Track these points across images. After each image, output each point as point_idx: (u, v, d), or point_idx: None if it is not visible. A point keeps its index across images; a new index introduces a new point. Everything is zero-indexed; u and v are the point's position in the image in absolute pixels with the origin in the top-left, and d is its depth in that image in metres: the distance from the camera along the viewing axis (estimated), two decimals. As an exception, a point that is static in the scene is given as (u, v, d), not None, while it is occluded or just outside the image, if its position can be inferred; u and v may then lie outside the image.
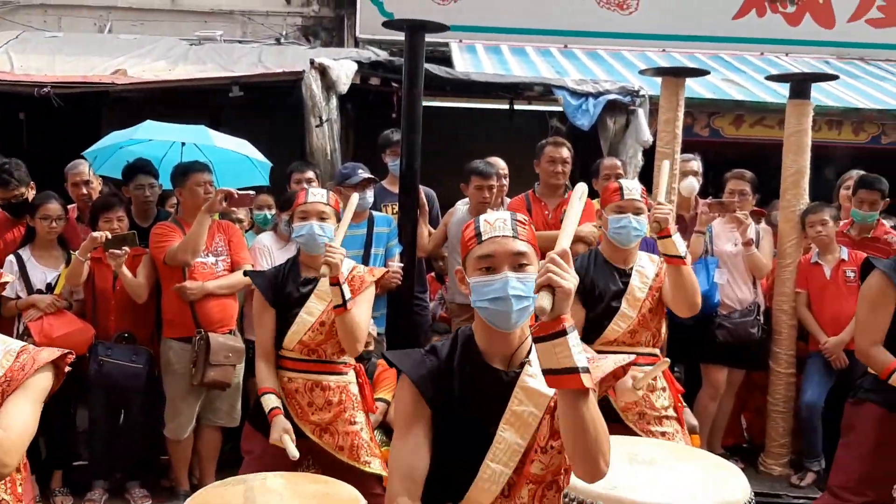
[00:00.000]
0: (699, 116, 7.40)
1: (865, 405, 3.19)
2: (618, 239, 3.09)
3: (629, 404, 2.95)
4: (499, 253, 1.75)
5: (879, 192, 4.71)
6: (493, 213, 1.84)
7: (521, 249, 1.75)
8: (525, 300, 1.73)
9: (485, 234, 1.77)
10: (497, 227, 1.77)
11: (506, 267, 1.74)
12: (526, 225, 1.81)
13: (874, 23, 8.96)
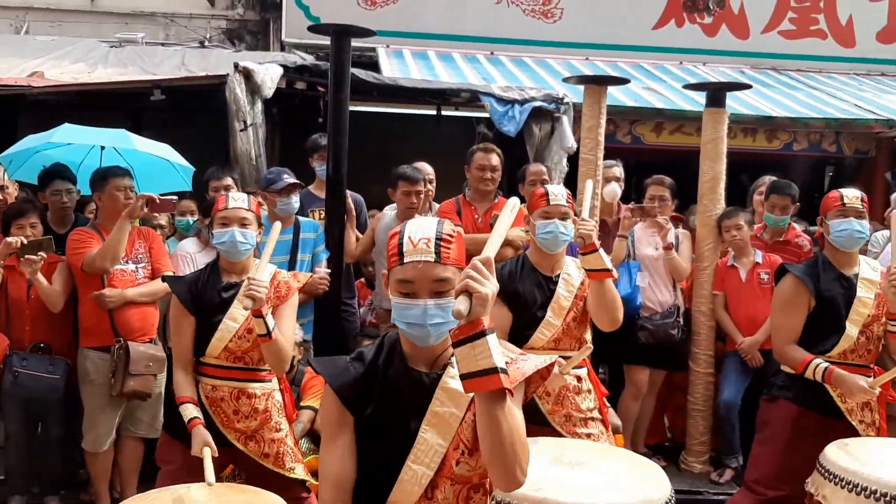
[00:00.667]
0: (621, 124, 7.59)
1: (779, 402, 3.32)
2: (545, 244, 3.14)
3: (556, 407, 2.99)
4: (419, 280, 1.72)
5: (790, 198, 4.91)
6: (419, 227, 1.77)
7: (443, 276, 1.72)
8: (445, 325, 1.73)
9: (406, 256, 1.73)
10: (420, 248, 1.72)
11: (426, 294, 1.72)
12: (452, 241, 1.75)
13: (786, 34, 9.34)
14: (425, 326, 1.72)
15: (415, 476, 1.76)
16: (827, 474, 2.80)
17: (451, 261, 1.73)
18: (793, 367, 3.28)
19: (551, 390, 2.99)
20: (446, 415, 1.77)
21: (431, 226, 1.77)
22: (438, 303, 1.72)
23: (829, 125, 7.50)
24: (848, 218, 3.30)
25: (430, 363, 1.81)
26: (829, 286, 3.25)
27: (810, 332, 3.28)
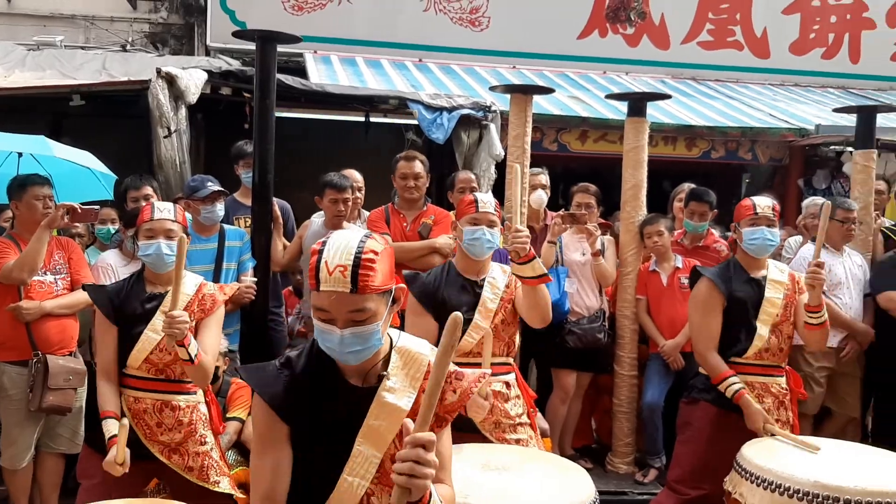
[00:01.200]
0: (548, 131, 7.71)
1: (699, 404, 3.44)
2: (472, 251, 3.17)
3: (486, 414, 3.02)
4: (334, 310, 1.69)
5: (708, 204, 5.08)
6: (337, 251, 1.70)
7: (361, 307, 1.69)
8: (364, 351, 1.73)
9: (322, 283, 1.69)
10: (335, 277, 1.67)
11: (342, 324, 1.69)
12: (374, 264, 1.69)
13: (704, 45, 9.64)
14: (344, 353, 1.72)
15: (350, 487, 1.75)
16: (743, 472, 2.90)
17: (372, 288, 1.69)
18: (711, 376, 3.40)
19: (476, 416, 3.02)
20: (381, 428, 1.77)
21: (351, 249, 1.70)
22: (356, 331, 1.70)
23: (745, 134, 7.76)
24: (760, 227, 3.45)
25: (361, 376, 1.81)
26: (740, 288, 3.39)
27: (726, 335, 3.41)
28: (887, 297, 4.83)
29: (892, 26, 9.93)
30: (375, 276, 1.69)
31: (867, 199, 5.16)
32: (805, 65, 9.84)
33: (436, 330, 3.08)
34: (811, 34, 9.79)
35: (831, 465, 2.82)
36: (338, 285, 1.67)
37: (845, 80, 9.90)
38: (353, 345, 1.71)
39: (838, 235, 4.91)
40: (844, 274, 4.94)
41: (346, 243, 1.72)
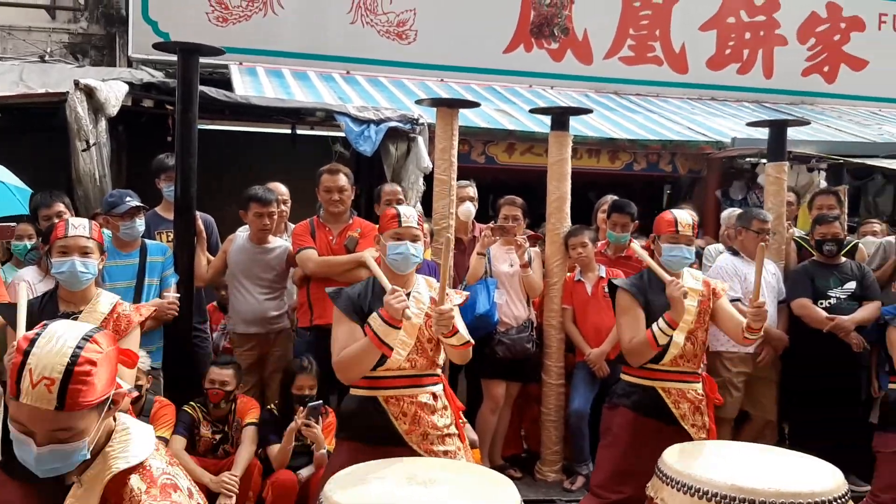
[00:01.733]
0: (475, 144, 7.79)
1: (619, 409, 3.53)
2: (395, 266, 3.17)
3: (412, 427, 3.02)
4: (34, 425, 1.53)
5: (630, 216, 5.21)
6: (43, 360, 1.51)
7: (65, 426, 1.53)
8: (64, 468, 1.58)
9: (23, 395, 1.51)
10: (39, 391, 1.50)
11: (39, 439, 1.52)
12: (89, 379, 1.53)
13: (626, 60, 9.89)
14: (39, 469, 1.55)
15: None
16: (664, 478, 2.97)
17: (84, 404, 1.51)
18: (644, 353, 3.43)
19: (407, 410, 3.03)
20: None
21: (64, 357, 1.50)
22: (56, 449, 1.52)
23: (665, 146, 7.98)
24: (679, 245, 3.55)
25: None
26: (655, 297, 3.49)
27: None
28: (800, 305, 5.03)
29: (803, 43, 10.37)
30: (89, 391, 1.51)
31: (780, 210, 5.37)
32: (721, 79, 10.17)
33: (361, 335, 3.07)
34: (727, 50, 10.14)
35: (748, 469, 2.91)
36: (41, 401, 1.48)
37: (759, 94, 10.28)
38: (50, 462, 1.54)
39: (753, 245, 5.09)
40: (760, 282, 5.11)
41: (58, 349, 1.51)
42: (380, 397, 3.03)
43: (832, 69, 10.52)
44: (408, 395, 3.03)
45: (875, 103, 10.59)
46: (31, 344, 1.51)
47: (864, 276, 5.06)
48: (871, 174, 8.80)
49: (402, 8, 9.27)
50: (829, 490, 2.75)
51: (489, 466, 4.98)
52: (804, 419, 5.22)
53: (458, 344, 3.02)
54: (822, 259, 5.10)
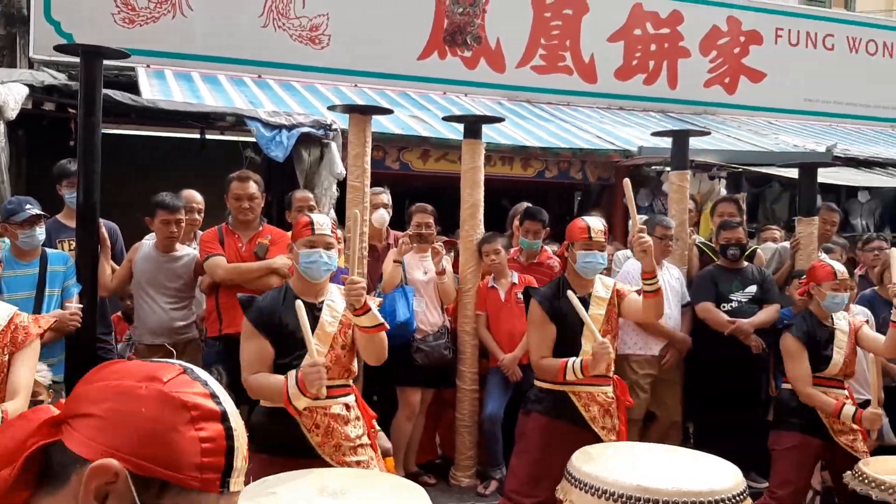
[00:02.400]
0: (390, 150, 7.79)
1: (532, 415, 3.59)
2: (309, 273, 3.15)
3: (324, 439, 3.00)
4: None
5: (541, 223, 5.31)
6: None
7: None
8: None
9: None
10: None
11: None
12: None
13: (538, 69, 10.05)
14: None
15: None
16: (573, 480, 3.03)
17: None
18: (553, 377, 3.54)
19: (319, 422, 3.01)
20: None
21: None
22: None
23: (575, 154, 8.16)
24: (593, 251, 3.63)
25: None
26: (567, 306, 3.56)
27: (556, 350, 3.58)
28: (703, 308, 5.22)
29: (705, 55, 10.77)
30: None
31: (683, 217, 5.56)
32: (629, 90, 10.46)
33: (270, 353, 3.04)
34: (634, 61, 10.44)
35: (652, 469, 3.00)
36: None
37: (665, 104, 10.62)
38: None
39: (657, 251, 5.24)
40: (664, 286, 5.26)
41: None
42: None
43: (732, 81, 10.96)
44: (321, 406, 3.00)
45: (772, 114, 11.10)
46: None
47: (764, 279, 5.29)
48: (769, 182, 9.22)
49: (316, 12, 9.19)
50: (728, 488, 2.86)
51: (403, 474, 5.01)
52: (707, 419, 5.42)
53: (370, 325, 3.01)
54: (726, 263, 5.31)
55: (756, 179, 9.15)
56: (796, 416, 4.04)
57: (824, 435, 3.97)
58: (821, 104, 11.37)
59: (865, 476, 3.51)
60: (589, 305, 3.57)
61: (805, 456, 4.04)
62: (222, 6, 8.90)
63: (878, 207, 10.08)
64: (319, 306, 3.16)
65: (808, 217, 5.50)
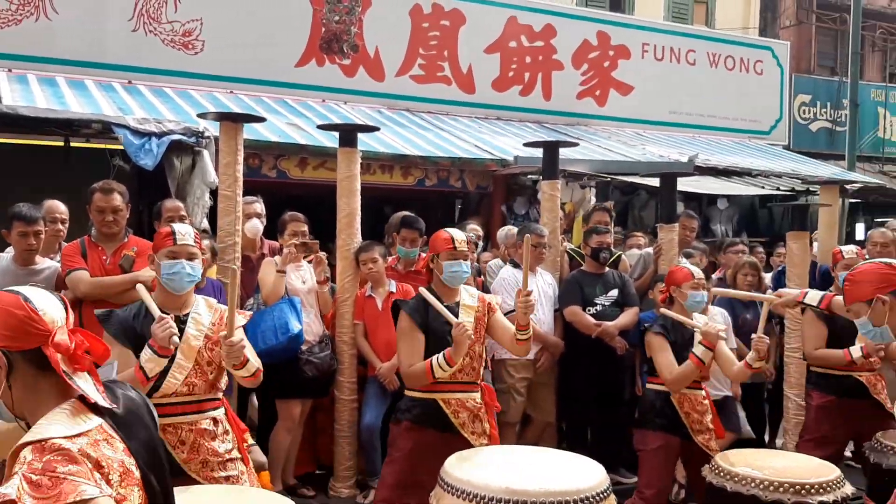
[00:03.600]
0: (266, 158, 7.69)
1: (402, 423, 3.63)
2: (171, 285, 3.07)
3: (191, 455, 2.93)
4: None
5: (418, 231, 5.36)
6: None
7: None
8: None
9: None
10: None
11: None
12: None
13: (417, 79, 10.13)
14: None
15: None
16: (445, 485, 3.09)
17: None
18: (422, 381, 3.57)
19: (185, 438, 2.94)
20: None
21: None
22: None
23: (454, 163, 8.29)
24: (458, 260, 3.71)
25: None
26: (435, 316, 3.62)
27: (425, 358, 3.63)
28: (571, 312, 5.41)
29: (577, 68, 11.15)
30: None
31: (554, 225, 5.74)
32: (506, 100, 10.69)
33: (134, 361, 2.94)
34: (510, 72, 10.69)
35: (521, 471, 3.08)
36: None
37: (540, 115, 10.92)
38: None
39: (531, 258, 5.40)
40: (537, 292, 5.43)
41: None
42: (156, 426, 2.91)
43: (603, 93, 11.39)
44: (186, 422, 2.94)
45: (640, 125, 11.59)
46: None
47: (624, 284, 5.54)
48: (636, 190, 9.65)
49: (188, 17, 8.95)
50: (591, 486, 2.98)
51: (281, 487, 4.95)
52: (578, 419, 5.62)
53: (248, 375, 2.98)
54: (591, 268, 5.52)
55: (625, 188, 9.56)
56: (659, 416, 4.24)
57: (684, 434, 4.19)
58: (685, 116, 11.96)
59: (721, 469, 3.72)
60: (457, 315, 3.64)
61: (669, 455, 4.25)
62: (89, 9, 8.54)
63: (735, 214, 10.75)
64: (184, 319, 3.09)
65: (669, 224, 5.79)
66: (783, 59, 12.83)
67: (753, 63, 12.51)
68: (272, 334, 4.82)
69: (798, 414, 5.42)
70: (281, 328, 4.82)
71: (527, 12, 10.77)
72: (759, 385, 6.06)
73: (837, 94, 13.61)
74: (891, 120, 14.41)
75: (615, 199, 9.47)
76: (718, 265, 6.88)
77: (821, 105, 13.75)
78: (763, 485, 3.56)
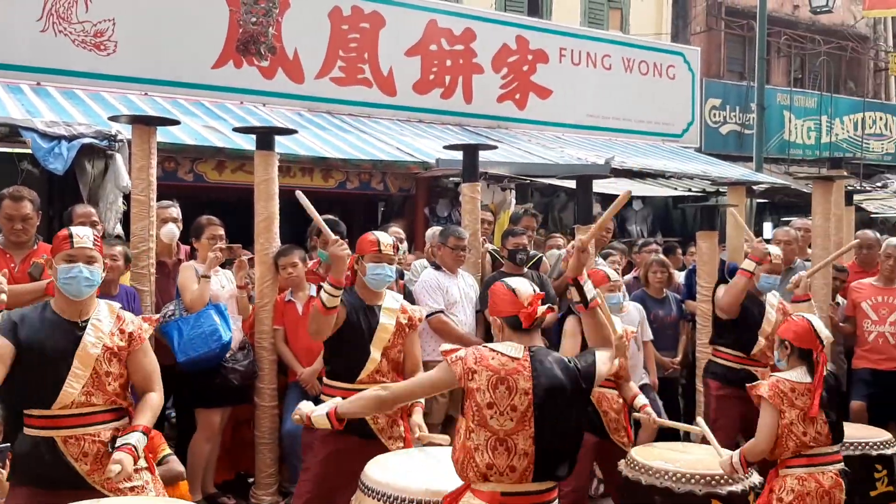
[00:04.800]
0: (183, 161, 7.53)
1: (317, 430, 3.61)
2: (68, 290, 2.97)
3: (94, 467, 2.86)
4: None
5: (339, 234, 5.32)
6: None
7: None
8: None
9: None
10: None
11: None
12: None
13: (337, 81, 10.06)
14: None
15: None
16: (366, 489, 3.10)
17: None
18: (320, 321, 3.59)
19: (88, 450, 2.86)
20: None
21: None
22: None
23: (376, 166, 8.28)
24: (382, 263, 3.73)
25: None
26: (357, 315, 3.62)
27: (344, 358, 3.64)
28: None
29: (497, 72, 11.26)
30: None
31: (475, 227, 5.81)
32: (427, 103, 10.71)
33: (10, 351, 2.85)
34: (431, 75, 10.72)
35: (439, 472, 3.11)
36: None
37: (461, 118, 10.98)
38: None
39: (451, 260, 5.46)
40: (459, 294, 5.49)
41: None
42: (57, 438, 2.84)
43: (522, 97, 11.54)
44: (89, 433, 2.86)
45: (559, 128, 11.79)
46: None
47: (542, 284, 5.63)
48: (556, 192, 9.82)
49: (100, 17, 8.68)
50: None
51: (201, 497, 4.87)
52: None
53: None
54: (510, 269, 5.60)
55: (545, 190, 9.72)
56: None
57: (601, 433, 4.29)
58: (601, 119, 12.23)
59: (636, 463, 3.85)
60: (379, 316, 3.65)
61: (585, 453, 4.35)
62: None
63: (650, 214, 11.06)
64: (83, 325, 2.99)
65: (586, 225, 5.92)
66: (694, 64, 13.25)
67: (666, 68, 12.88)
68: (202, 342, 4.73)
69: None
70: (212, 336, 4.74)
71: (446, 16, 10.83)
72: (673, 380, 6.27)
73: (746, 98, 14.13)
74: (796, 123, 15.05)
75: (535, 201, 9.63)
76: (635, 264, 7.08)
77: (730, 109, 14.25)
78: (675, 477, 3.70)
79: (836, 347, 5.83)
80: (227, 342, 4.78)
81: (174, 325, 4.77)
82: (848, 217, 7.23)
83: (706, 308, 5.46)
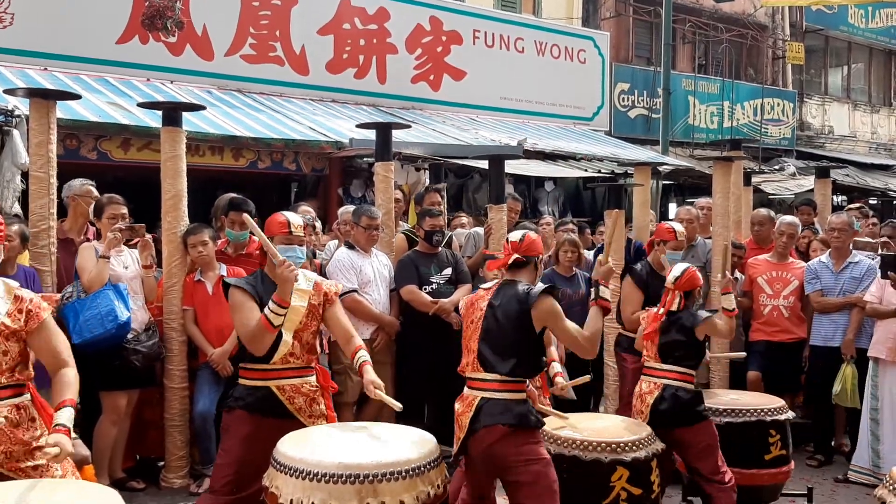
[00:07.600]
0: (86, 139, 7.29)
1: (236, 412, 3.57)
2: None
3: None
4: None
5: (248, 213, 5.25)
6: None
7: None
8: None
9: None
10: None
11: None
12: None
13: (248, 59, 9.82)
14: None
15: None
16: (278, 465, 3.09)
17: None
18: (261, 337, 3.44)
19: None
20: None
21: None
22: None
23: (288, 145, 8.18)
24: (292, 245, 3.67)
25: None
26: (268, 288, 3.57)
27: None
28: (407, 290, 5.52)
29: (411, 52, 11.22)
30: None
31: (388, 206, 5.82)
32: (340, 83, 10.59)
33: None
34: (344, 55, 10.60)
35: (354, 447, 3.13)
36: None
37: (375, 98, 10.90)
38: None
39: (363, 239, 5.46)
40: (373, 273, 5.50)
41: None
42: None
43: (437, 78, 11.55)
44: None
45: (473, 110, 11.86)
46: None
47: (457, 262, 5.72)
48: (469, 173, 9.91)
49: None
50: (423, 456, 3.09)
51: (109, 482, 4.74)
52: (415, 395, 5.73)
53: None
54: (425, 249, 5.64)
55: (459, 171, 9.80)
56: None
57: None
58: (514, 102, 12.35)
59: (545, 433, 3.95)
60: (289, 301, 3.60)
61: None
62: None
63: (561, 195, 11.28)
64: None
65: (498, 205, 6.01)
66: (604, 48, 13.52)
67: (577, 52, 13.11)
68: (97, 323, 4.61)
69: (616, 380, 5.82)
70: (107, 316, 4.61)
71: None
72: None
73: (653, 84, 14.52)
74: (700, 108, 15.56)
75: (450, 182, 9.69)
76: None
77: (638, 93, 14.63)
78: (583, 445, 3.83)
79: (736, 320, 6.10)
80: (123, 322, 4.66)
81: (70, 308, 4.63)
82: (746, 197, 7.56)
83: (614, 286, 5.62)
